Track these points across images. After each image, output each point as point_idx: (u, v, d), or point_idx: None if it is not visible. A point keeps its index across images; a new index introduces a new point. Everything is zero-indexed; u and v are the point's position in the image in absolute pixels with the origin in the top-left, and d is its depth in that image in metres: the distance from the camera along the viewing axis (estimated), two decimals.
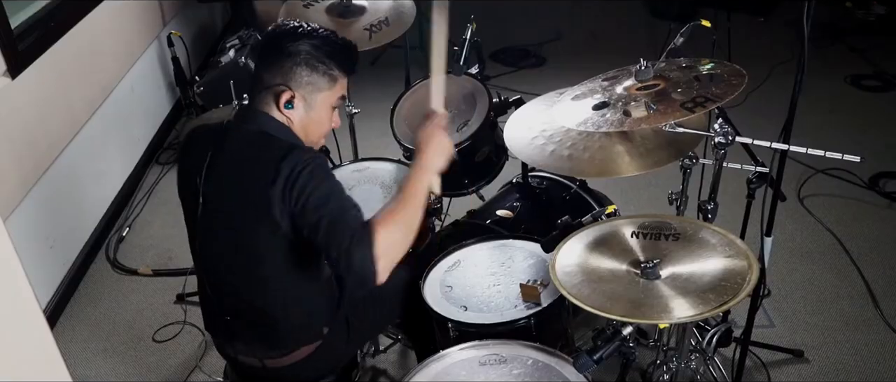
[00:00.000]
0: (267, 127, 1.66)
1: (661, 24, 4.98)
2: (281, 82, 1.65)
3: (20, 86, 2.84)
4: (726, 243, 1.73)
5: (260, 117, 1.67)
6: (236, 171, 1.66)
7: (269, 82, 1.66)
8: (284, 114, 1.67)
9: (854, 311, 2.77)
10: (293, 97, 1.66)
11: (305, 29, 1.68)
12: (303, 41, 1.65)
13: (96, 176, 3.47)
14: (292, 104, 1.66)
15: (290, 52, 1.64)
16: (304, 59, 1.65)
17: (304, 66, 1.65)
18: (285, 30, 1.69)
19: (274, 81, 1.65)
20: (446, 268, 2.13)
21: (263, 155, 1.61)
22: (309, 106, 1.69)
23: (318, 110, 1.71)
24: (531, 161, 2.05)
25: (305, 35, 1.67)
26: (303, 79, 1.66)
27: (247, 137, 1.67)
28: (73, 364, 2.76)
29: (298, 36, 1.66)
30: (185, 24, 4.61)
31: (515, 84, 4.44)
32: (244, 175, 1.64)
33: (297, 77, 1.65)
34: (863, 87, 4.34)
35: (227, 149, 1.68)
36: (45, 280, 2.97)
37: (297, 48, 1.64)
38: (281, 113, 1.67)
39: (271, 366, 1.82)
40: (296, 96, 1.66)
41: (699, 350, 2.36)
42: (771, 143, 1.78)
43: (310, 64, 1.66)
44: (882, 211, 3.30)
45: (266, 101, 1.67)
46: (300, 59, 1.65)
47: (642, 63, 1.85)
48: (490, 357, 1.79)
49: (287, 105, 1.66)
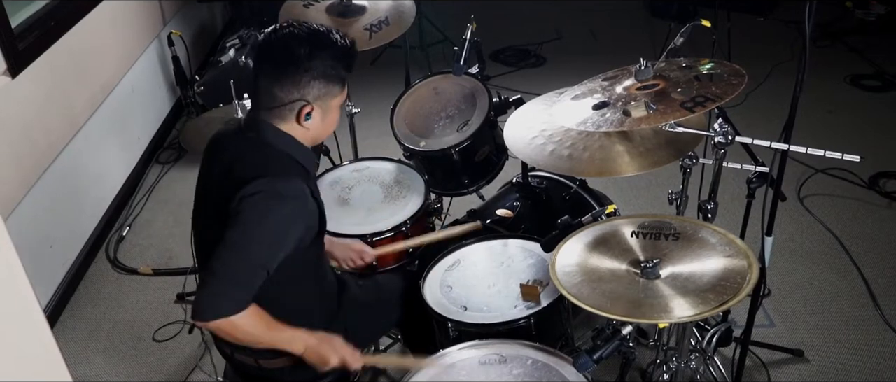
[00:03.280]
0: (268, 136, 1.66)
1: (661, 24, 4.98)
2: (299, 98, 1.62)
3: (20, 86, 2.84)
4: (726, 243, 1.73)
5: (264, 128, 1.66)
6: (225, 176, 1.65)
7: (284, 99, 1.63)
8: (303, 126, 1.66)
9: (854, 311, 2.77)
10: (312, 110, 1.65)
11: (317, 38, 1.63)
12: (314, 52, 1.60)
13: (96, 175, 3.47)
14: (310, 116, 1.65)
15: (307, 67, 1.60)
16: (322, 71, 1.62)
17: (321, 79, 1.63)
18: (296, 38, 1.62)
19: (291, 97, 1.62)
20: (446, 268, 2.13)
21: (255, 159, 1.63)
22: (324, 113, 1.69)
23: (331, 114, 1.71)
24: (531, 160, 2.05)
25: (314, 44, 1.61)
26: (320, 91, 1.64)
27: (242, 145, 1.68)
28: (73, 364, 2.76)
29: (306, 46, 1.60)
30: (185, 24, 4.62)
31: (515, 84, 4.44)
32: (226, 180, 1.63)
33: (315, 89, 1.63)
34: (863, 87, 4.34)
35: (229, 152, 1.69)
36: (45, 279, 2.97)
37: (312, 63, 1.60)
38: (300, 125, 1.66)
39: (266, 367, 1.83)
40: (314, 109, 1.65)
41: (699, 350, 2.36)
42: (771, 143, 1.78)
43: (326, 74, 1.63)
44: (882, 211, 3.30)
45: (280, 115, 1.65)
46: (318, 74, 1.62)
47: (642, 63, 1.84)
48: (490, 356, 1.79)
49: (306, 117, 1.65)
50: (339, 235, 2.20)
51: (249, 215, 1.57)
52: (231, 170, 1.64)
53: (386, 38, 2.61)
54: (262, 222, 1.59)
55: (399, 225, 2.25)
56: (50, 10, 3.14)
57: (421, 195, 2.37)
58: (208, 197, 1.75)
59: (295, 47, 1.61)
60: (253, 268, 1.58)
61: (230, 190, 1.59)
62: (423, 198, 2.34)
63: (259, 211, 1.57)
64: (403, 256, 2.29)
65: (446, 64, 4.28)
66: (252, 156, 1.65)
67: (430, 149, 2.45)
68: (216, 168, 1.71)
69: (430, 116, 2.56)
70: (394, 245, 2.23)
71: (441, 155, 2.42)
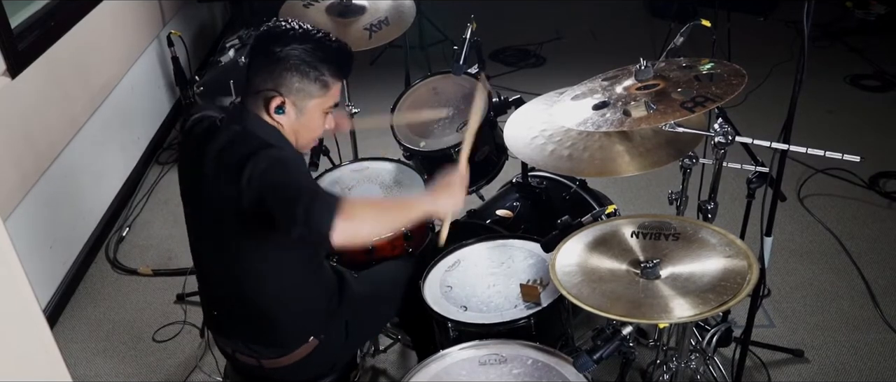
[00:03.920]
0: (253, 127, 1.64)
1: (661, 23, 4.98)
2: (271, 87, 1.62)
3: (20, 86, 2.84)
4: (726, 243, 1.73)
5: (249, 118, 1.65)
6: (216, 169, 1.63)
7: (259, 86, 1.63)
8: (275, 119, 1.64)
9: (854, 311, 2.77)
10: (284, 102, 1.63)
11: (297, 31, 1.63)
12: (294, 45, 1.60)
13: (96, 176, 3.47)
14: (283, 109, 1.63)
15: (280, 56, 1.59)
16: (295, 64, 1.60)
17: (294, 72, 1.61)
18: (276, 32, 1.63)
19: (264, 86, 1.62)
20: (446, 268, 2.13)
21: (239, 150, 1.59)
22: (300, 111, 1.66)
23: (308, 116, 1.67)
24: (531, 160, 2.05)
25: (296, 38, 1.61)
26: (293, 85, 1.62)
27: (230, 136, 1.64)
28: (73, 364, 2.76)
29: (289, 39, 1.61)
30: (185, 24, 4.62)
31: (515, 84, 4.44)
32: (221, 172, 1.62)
33: (288, 82, 1.62)
34: (862, 87, 4.34)
35: (212, 148, 1.65)
36: (45, 280, 2.97)
37: (288, 53, 1.59)
38: (271, 118, 1.64)
39: (268, 366, 1.82)
40: (286, 102, 1.63)
41: (699, 350, 2.36)
42: (771, 143, 1.78)
43: (300, 70, 1.61)
44: (882, 211, 3.30)
45: (257, 105, 1.64)
46: (291, 65, 1.60)
47: (642, 63, 1.84)
48: (490, 356, 1.79)
49: (277, 110, 1.63)
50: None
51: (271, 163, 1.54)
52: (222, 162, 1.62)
53: (386, 37, 2.61)
54: (285, 161, 1.58)
55: None
56: (50, 10, 3.14)
57: None
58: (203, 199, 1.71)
59: (275, 37, 1.62)
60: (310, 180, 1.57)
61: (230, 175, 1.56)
62: None
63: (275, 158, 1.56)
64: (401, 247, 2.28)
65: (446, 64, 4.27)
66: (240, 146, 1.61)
67: (430, 149, 2.45)
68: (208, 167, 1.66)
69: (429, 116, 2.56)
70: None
71: (441, 155, 2.42)
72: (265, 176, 1.52)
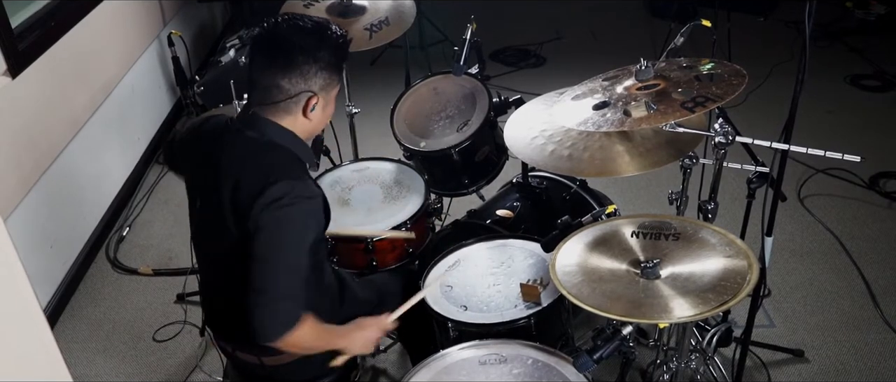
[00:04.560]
0: (271, 135, 1.66)
1: (661, 23, 4.98)
2: (306, 88, 1.63)
3: (20, 86, 2.84)
4: (726, 243, 1.73)
5: (266, 126, 1.66)
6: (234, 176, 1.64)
7: (291, 91, 1.63)
8: (308, 118, 1.67)
9: (854, 311, 2.77)
10: (318, 101, 1.66)
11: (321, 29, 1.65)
12: (324, 44, 1.63)
13: (96, 176, 3.47)
14: (315, 107, 1.66)
15: (317, 57, 1.62)
16: (327, 62, 1.64)
17: (326, 69, 1.64)
18: (303, 29, 1.63)
19: (298, 89, 1.63)
20: (446, 268, 2.13)
21: (263, 163, 1.62)
22: (326, 104, 1.70)
23: (330, 105, 1.73)
24: (531, 161, 2.05)
25: (323, 36, 1.64)
26: (325, 81, 1.65)
27: (250, 145, 1.66)
28: (73, 364, 2.76)
29: (319, 36, 1.63)
30: (185, 24, 4.62)
31: (515, 84, 4.44)
32: (240, 180, 1.63)
33: (320, 80, 1.64)
34: (862, 87, 4.34)
35: (229, 153, 1.67)
36: (45, 279, 2.97)
37: (320, 54, 1.62)
38: (305, 117, 1.66)
39: (269, 364, 1.83)
40: (319, 99, 1.66)
41: (699, 350, 2.36)
42: (771, 143, 1.78)
43: (330, 65, 1.65)
44: (882, 211, 3.30)
45: (285, 109, 1.65)
46: (324, 64, 1.63)
47: (642, 63, 1.84)
48: (490, 356, 1.79)
49: (313, 109, 1.66)
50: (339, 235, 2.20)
51: (273, 225, 1.57)
52: (239, 178, 1.63)
53: (386, 37, 2.61)
54: (287, 228, 1.59)
55: (399, 226, 2.25)
56: (50, 10, 3.14)
57: (421, 195, 2.37)
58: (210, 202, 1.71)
59: (304, 38, 1.62)
60: (292, 276, 1.59)
61: (243, 200, 1.59)
62: (423, 199, 2.34)
63: (281, 218, 1.57)
64: (403, 256, 2.29)
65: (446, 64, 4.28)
66: (260, 160, 1.64)
67: (430, 150, 2.45)
68: (220, 174, 1.67)
69: (430, 116, 2.56)
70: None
71: (441, 155, 2.42)
72: (261, 235, 1.57)
